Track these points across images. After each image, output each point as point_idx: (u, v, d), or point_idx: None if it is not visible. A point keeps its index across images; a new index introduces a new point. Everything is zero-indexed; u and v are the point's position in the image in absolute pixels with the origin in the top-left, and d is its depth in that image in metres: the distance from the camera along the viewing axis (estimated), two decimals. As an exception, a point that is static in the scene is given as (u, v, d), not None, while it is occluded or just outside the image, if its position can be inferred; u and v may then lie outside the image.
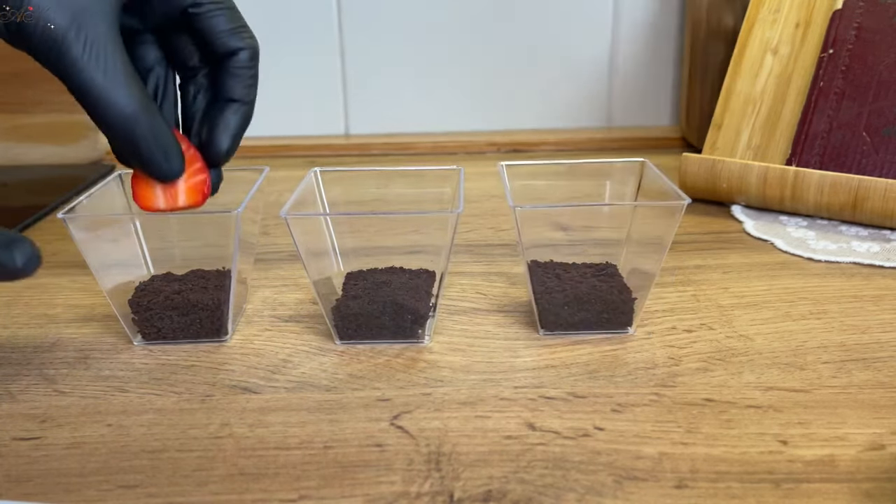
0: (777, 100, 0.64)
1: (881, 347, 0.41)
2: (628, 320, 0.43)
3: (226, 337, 0.43)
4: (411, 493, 0.31)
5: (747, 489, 0.31)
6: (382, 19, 0.83)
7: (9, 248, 0.33)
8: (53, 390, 0.39)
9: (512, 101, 0.87)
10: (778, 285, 0.49)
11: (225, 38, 0.40)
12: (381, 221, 0.49)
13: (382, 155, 0.82)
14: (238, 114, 0.41)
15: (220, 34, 0.40)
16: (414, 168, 0.53)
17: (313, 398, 0.38)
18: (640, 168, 0.47)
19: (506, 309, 0.46)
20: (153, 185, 0.38)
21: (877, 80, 0.59)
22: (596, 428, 0.35)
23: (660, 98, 0.86)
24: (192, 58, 0.42)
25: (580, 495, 0.31)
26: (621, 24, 0.84)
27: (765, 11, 0.65)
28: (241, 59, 0.41)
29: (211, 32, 0.40)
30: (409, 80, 0.86)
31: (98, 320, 0.46)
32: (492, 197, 0.67)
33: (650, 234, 0.44)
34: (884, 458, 0.32)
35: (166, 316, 0.42)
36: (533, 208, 0.41)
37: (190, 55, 0.42)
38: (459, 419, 0.36)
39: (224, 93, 0.41)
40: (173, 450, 0.34)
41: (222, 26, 0.40)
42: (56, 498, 0.31)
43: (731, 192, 0.61)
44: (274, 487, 0.31)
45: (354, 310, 0.42)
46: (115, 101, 0.36)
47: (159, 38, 0.42)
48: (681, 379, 0.38)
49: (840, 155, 0.59)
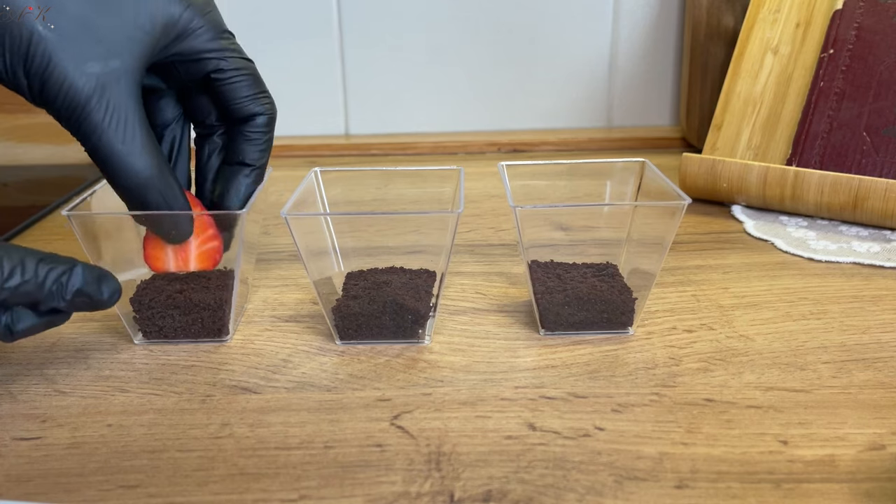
0: (777, 100, 0.64)
1: (881, 348, 0.41)
2: (629, 320, 0.43)
3: (227, 337, 0.43)
4: (411, 493, 0.31)
5: (747, 489, 0.31)
6: (382, 19, 0.83)
7: (98, 283, 0.36)
8: (53, 390, 0.39)
9: (512, 101, 0.87)
10: (778, 285, 0.49)
11: (245, 104, 0.41)
12: (381, 221, 0.49)
13: (382, 155, 0.82)
14: (250, 177, 0.42)
15: (241, 100, 0.41)
16: (414, 168, 0.53)
17: (313, 398, 0.38)
18: (641, 168, 0.47)
19: (506, 309, 0.46)
20: (164, 248, 0.40)
21: (877, 80, 0.59)
22: (596, 428, 0.35)
23: (660, 98, 0.86)
24: (209, 116, 0.43)
25: (580, 495, 0.31)
26: (621, 24, 0.84)
27: (765, 11, 0.65)
28: (257, 123, 0.42)
29: (232, 97, 0.41)
30: (409, 80, 0.86)
31: (98, 320, 0.46)
32: (492, 197, 0.67)
33: (650, 235, 0.44)
34: (884, 458, 0.32)
35: (168, 315, 0.42)
36: (533, 208, 0.41)
37: (208, 114, 0.43)
38: (460, 419, 0.36)
39: (238, 155, 0.42)
40: (173, 450, 0.34)
41: (243, 92, 0.41)
42: (56, 498, 0.31)
43: (731, 192, 0.61)
44: (274, 487, 0.31)
45: (355, 310, 0.42)
46: (130, 167, 0.37)
47: (179, 95, 0.43)
48: (681, 379, 0.38)
49: (840, 155, 0.59)
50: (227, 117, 0.42)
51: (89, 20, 0.37)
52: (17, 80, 0.36)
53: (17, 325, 0.35)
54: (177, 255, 0.40)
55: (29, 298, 0.34)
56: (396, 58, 0.85)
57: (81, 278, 0.35)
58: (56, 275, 0.34)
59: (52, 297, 0.34)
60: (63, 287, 0.35)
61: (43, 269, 0.34)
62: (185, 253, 0.40)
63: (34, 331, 0.35)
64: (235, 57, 0.41)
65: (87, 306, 0.36)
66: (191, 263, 0.40)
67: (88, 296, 0.35)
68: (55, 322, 0.36)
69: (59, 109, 0.36)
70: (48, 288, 0.34)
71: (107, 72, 0.37)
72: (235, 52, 0.41)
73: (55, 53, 0.35)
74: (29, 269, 0.34)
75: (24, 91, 0.36)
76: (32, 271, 0.34)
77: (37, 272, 0.34)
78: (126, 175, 0.37)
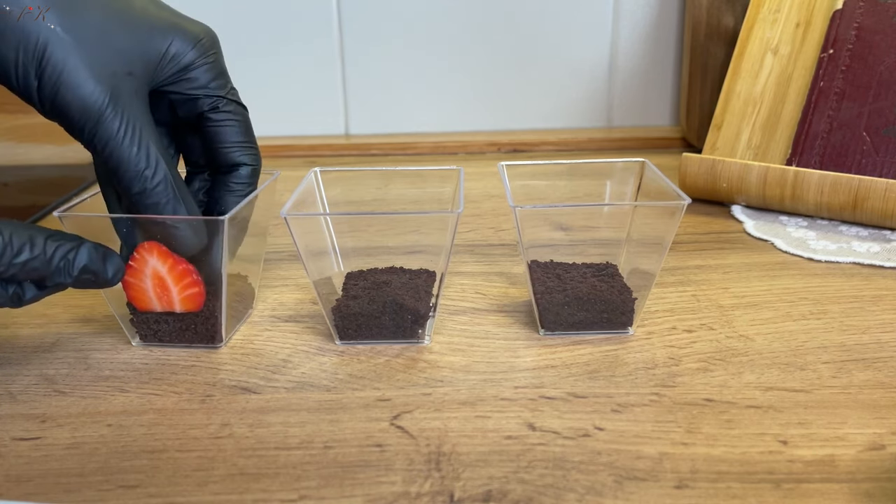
0: (777, 100, 0.64)
1: (881, 348, 0.41)
2: (628, 320, 0.43)
3: (220, 343, 0.42)
4: (411, 493, 0.31)
5: (747, 489, 0.31)
6: (382, 19, 0.83)
7: (103, 261, 0.37)
8: (53, 390, 0.39)
9: (512, 101, 0.87)
10: (778, 285, 0.49)
11: (231, 150, 0.42)
12: (381, 221, 0.49)
13: (382, 155, 0.82)
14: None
15: (229, 145, 0.42)
16: (414, 168, 0.53)
17: (313, 398, 0.38)
18: (640, 168, 0.47)
19: (506, 309, 0.46)
20: (147, 292, 0.40)
21: (877, 80, 0.59)
22: (596, 428, 0.35)
23: (660, 98, 0.86)
24: (198, 157, 0.44)
25: (580, 495, 0.31)
26: (621, 24, 0.84)
27: (765, 11, 0.65)
28: (241, 174, 0.42)
29: (220, 141, 0.42)
30: (409, 80, 0.86)
31: (98, 320, 0.46)
32: (492, 197, 0.67)
33: (650, 235, 0.44)
34: (884, 458, 0.32)
35: (162, 319, 0.42)
36: (533, 208, 0.41)
37: (197, 155, 0.43)
38: (459, 419, 0.36)
39: (218, 204, 0.42)
40: (173, 450, 0.34)
41: (232, 138, 0.42)
42: (56, 498, 0.31)
43: (731, 192, 0.61)
44: (274, 487, 0.31)
45: (354, 310, 0.42)
46: (144, 175, 0.37)
47: (174, 132, 0.43)
48: (681, 379, 0.38)
49: (840, 155, 0.59)
50: (214, 163, 0.43)
51: (107, 30, 0.37)
52: (28, 88, 0.36)
53: (25, 296, 0.36)
54: (161, 300, 0.41)
55: (37, 274, 0.35)
56: (396, 58, 0.85)
57: (87, 256, 0.36)
58: (63, 252, 0.36)
59: (58, 273, 0.36)
60: (70, 263, 0.36)
61: (51, 245, 0.35)
62: (168, 298, 0.40)
63: (40, 298, 0.37)
64: (231, 100, 0.41)
65: (93, 284, 0.37)
66: (176, 308, 0.41)
67: (94, 273, 0.37)
68: (59, 290, 0.37)
69: (73, 117, 0.36)
70: (55, 264, 0.35)
71: (122, 81, 0.37)
72: (232, 97, 0.42)
73: (70, 59, 0.35)
74: (37, 246, 0.35)
75: (35, 99, 0.36)
76: (41, 248, 0.35)
77: (45, 249, 0.35)
78: (138, 182, 0.37)
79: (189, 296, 0.41)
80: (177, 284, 0.40)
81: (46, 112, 0.37)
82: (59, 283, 0.36)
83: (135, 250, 0.39)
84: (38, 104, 0.36)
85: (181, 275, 0.40)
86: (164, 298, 0.40)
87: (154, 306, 0.41)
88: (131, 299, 0.41)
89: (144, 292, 0.40)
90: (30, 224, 0.35)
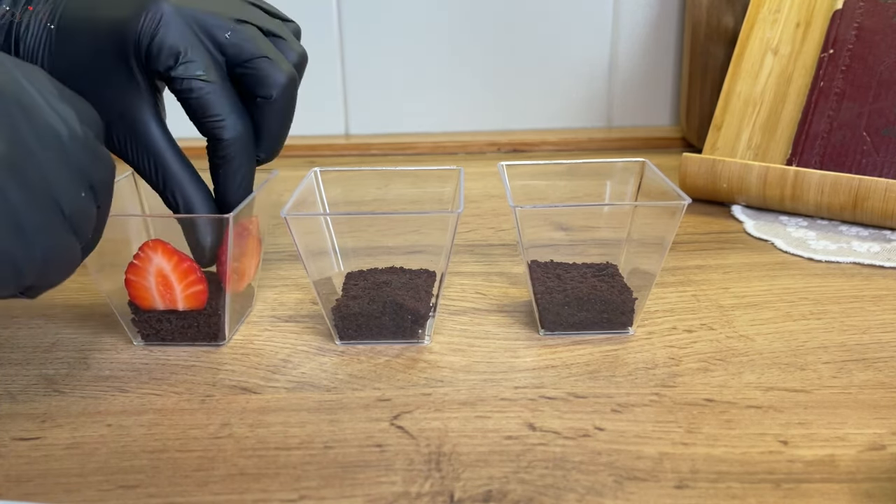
0: (777, 100, 0.64)
1: (881, 348, 0.41)
2: (629, 320, 0.43)
3: (223, 341, 0.42)
4: (411, 494, 0.31)
5: (747, 489, 0.31)
6: (382, 19, 0.83)
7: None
8: (53, 390, 0.39)
9: (512, 101, 0.87)
10: (778, 285, 0.49)
11: (201, 126, 0.41)
12: (381, 221, 0.49)
13: (382, 155, 0.82)
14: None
15: (198, 121, 0.41)
16: (414, 168, 0.53)
17: (313, 398, 0.38)
18: (640, 168, 0.47)
19: (506, 309, 0.46)
20: (150, 290, 0.41)
21: (877, 80, 0.59)
22: (596, 428, 0.35)
23: (660, 98, 0.86)
24: None
25: (580, 495, 0.31)
26: (621, 24, 0.84)
27: (765, 11, 0.65)
28: (215, 149, 0.41)
29: (190, 117, 0.41)
30: (409, 80, 0.86)
31: (98, 320, 0.46)
32: (492, 197, 0.67)
33: (650, 235, 0.44)
34: (884, 458, 0.32)
35: (165, 318, 0.42)
36: (533, 208, 0.41)
37: None
38: (459, 419, 0.36)
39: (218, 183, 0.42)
40: (173, 450, 0.34)
41: (197, 113, 0.40)
42: (56, 498, 0.31)
43: (731, 192, 0.61)
44: (274, 487, 0.31)
45: (354, 310, 0.42)
46: (192, 190, 0.40)
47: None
48: (681, 379, 0.38)
49: (840, 155, 0.59)
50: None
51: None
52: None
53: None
54: (164, 298, 0.41)
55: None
56: (396, 58, 0.85)
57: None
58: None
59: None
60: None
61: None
62: (171, 296, 0.41)
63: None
64: (180, 78, 0.39)
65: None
66: (179, 306, 0.41)
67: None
68: None
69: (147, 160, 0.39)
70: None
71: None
72: (181, 74, 0.39)
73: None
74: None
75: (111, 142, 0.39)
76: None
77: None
78: (189, 198, 0.40)
79: (193, 293, 0.41)
80: (181, 282, 0.40)
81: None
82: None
83: (139, 248, 0.40)
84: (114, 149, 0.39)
85: (185, 272, 0.40)
86: (167, 296, 0.41)
87: (157, 304, 0.41)
88: (133, 298, 0.41)
89: (147, 290, 0.40)
90: None
